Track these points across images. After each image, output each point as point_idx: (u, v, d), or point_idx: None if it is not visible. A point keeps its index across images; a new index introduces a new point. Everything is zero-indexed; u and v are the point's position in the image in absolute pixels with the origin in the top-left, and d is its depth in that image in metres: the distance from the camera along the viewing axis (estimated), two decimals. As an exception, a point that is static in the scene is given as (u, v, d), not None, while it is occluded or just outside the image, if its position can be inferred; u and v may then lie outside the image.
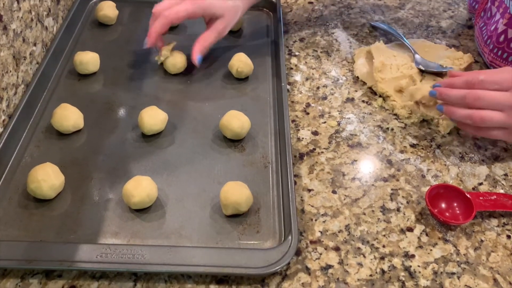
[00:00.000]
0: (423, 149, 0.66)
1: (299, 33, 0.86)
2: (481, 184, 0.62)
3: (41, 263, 0.48)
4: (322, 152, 0.65)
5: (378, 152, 0.65)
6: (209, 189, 0.58)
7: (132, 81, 0.73)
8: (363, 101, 0.73)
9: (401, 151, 0.65)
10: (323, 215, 0.57)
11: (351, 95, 0.74)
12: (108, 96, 0.70)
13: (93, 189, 0.57)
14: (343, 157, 0.64)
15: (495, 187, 0.62)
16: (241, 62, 0.72)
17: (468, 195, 0.57)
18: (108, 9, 0.81)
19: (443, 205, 0.58)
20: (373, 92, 0.74)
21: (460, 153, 0.65)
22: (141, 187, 0.54)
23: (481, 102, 0.58)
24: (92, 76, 0.73)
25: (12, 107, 0.64)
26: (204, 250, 0.51)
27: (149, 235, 0.53)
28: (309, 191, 0.60)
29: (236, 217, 0.55)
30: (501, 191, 0.61)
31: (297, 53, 0.81)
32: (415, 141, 0.67)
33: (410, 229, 0.56)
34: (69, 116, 0.62)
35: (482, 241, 0.55)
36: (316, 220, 0.56)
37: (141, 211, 0.55)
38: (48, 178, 0.54)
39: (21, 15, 0.66)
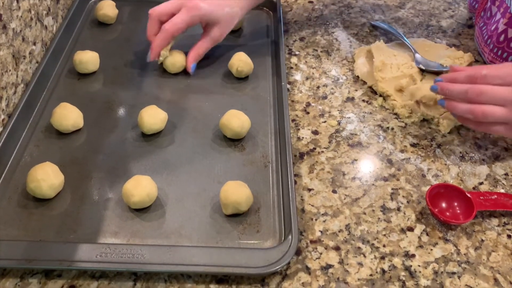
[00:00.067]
0: (423, 148, 0.66)
1: (299, 33, 0.86)
2: (481, 183, 0.62)
3: (41, 263, 0.48)
4: (322, 151, 0.64)
5: (378, 151, 0.65)
6: (209, 188, 0.58)
7: (132, 80, 0.73)
8: (363, 101, 0.73)
9: (402, 151, 0.65)
10: (323, 214, 0.57)
11: (351, 94, 0.74)
12: (107, 95, 0.70)
13: (92, 189, 0.57)
14: (343, 157, 0.64)
15: (495, 186, 0.61)
16: (241, 61, 0.72)
17: (468, 195, 0.57)
18: (107, 8, 0.81)
19: (444, 205, 0.58)
20: (373, 91, 0.74)
21: (460, 153, 0.65)
22: (141, 187, 0.53)
23: (483, 97, 0.58)
24: (91, 75, 0.73)
25: (11, 106, 0.64)
26: (204, 249, 0.51)
27: (149, 235, 0.53)
28: (309, 190, 0.59)
29: (236, 216, 0.55)
30: (502, 191, 0.61)
31: (297, 53, 0.81)
32: (415, 141, 0.67)
33: (410, 229, 0.56)
34: (69, 115, 0.62)
35: (482, 240, 0.55)
36: (316, 219, 0.56)
37: (141, 211, 0.55)
38: (47, 177, 0.54)
39: (21, 14, 0.66)
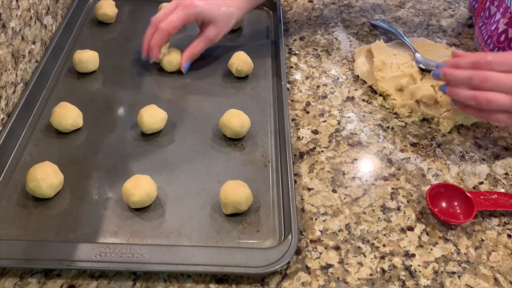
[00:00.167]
0: (423, 148, 0.66)
1: (299, 32, 0.86)
2: (481, 183, 0.62)
3: (40, 262, 0.48)
4: (322, 151, 0.64)
5: (378, 151, 0.65)
6: (208, 188, 0.58)
7: (131, 79, 0.72)
8: (363, 100, 0.73)
9: (402, 150, 0.65)
10: (323, 214, 0.57)
11: (351, 94, 0.74)
12: (107, 94, 0.70)
13: (92, 188, 0.57)
14: (343, 156, 0.64)
15: (495, 186, 0.61)
16: (241, 60, 0.72)
17: (468, 194, 0.57)
18: (107, 8, 0.81)
19: (444, 204, 0.58)
20: (373, 91, 0.74)
21: (460, 152, 0.65)
22: (140, 186, 0.53)
23: (488, 83, 0.56)
24: (91, 74, 0.72)
25: (11, 105, 0.64)
26: (203, 249, 0.51)
27: (148, 234, 0.53)
28: (309, 190, 0.59)
29: (236, 216, 0.55)
30: (502, 190, 0.61)
31: (297, 52, 0.81)
32: (415, 140, 0.67)
33: (410, 228, 0.56)
34: (68, 114, 0.62)
35: (482, 240, 0.55)
36: (316, 219, 0.56)
37: (141, 210, 0.55)
38: (47, 177, 0.54)
39: (20, 13, 0.65)
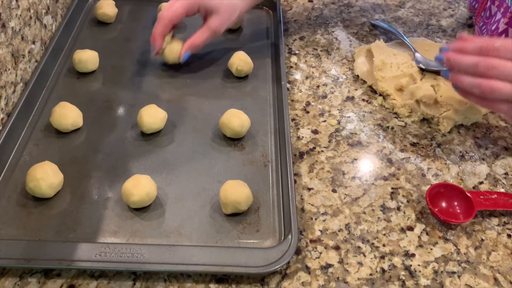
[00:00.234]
0: (423, 148, 0.66)
1: (299, 32, 0.86)
2: (481, 183, 0.62)
3: (40, 262, 0.48)
4: (322, 151, 0.64)
5: (378, 151, 0.65)
6: (208, 188, 0.58)
7: (131, 79, 0.72)
8: (363, 100, 0.73)
9: (401, 150, 0.65)
10: (323, 214, 0.57)
11: (351, 93, 0.74)
12: (107, 94, 0.70)
13: (92, 188, 0.57)
14: (343, 156, 0.64)
15: (495, 186, 0.61)
16: (241, 60, 0.72)
17: (468, 194, 0.57)
18: (107, 7, 0.81)
19: (444, 204, 0.58)
20: (373, 90, 0.74)
21: (460, 152, 0.65)
22: (140, 186, 0.53)
23: (494, 71, 0.54)
24: (91, 74, 0.72)
25: (10, 105, 0.64)
26: (203, 249, 0.51)
27: (148, 234, 0.53)
28: (309, 190, 0.59)
29: (235, 216, 0.55)
30: (502, 190, 0.61)
31: (297, 52, 0.81)
32: (415, 140, 0.67)
33: (410, 228, 0.56)
34: (68, 114, 0.62)
35: (482, 240, 0.55)
36: (316, 219, 0.56)
37: (141, 210, 0.55)
38: (47, 176, 0.54)
39: (20, 13, 0.65)
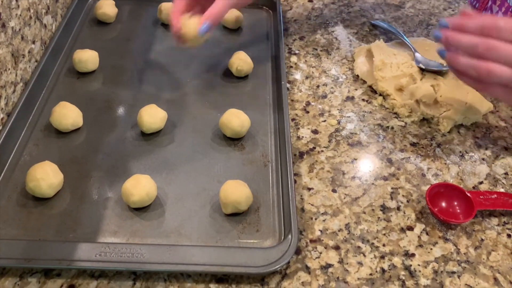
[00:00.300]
0: (423, 147, 0.66)
1: (299, 32, 0.86)
2: (481, 183, 0.62)
3: (40, 262, 0.48)
4: (322, 150, 0.64)
5: (378, 150, 0.65)
6: (208, 187, 0.58)
7: (131, 79, 0.72)
8: (363, 100, 0.73)
9: (401, 150, 0.65)
10: (323, 214, 0.57)
11: (351, 93, 0.74)
12: (107, 94, 0.69)
13: (92, 188, 0.57)
14: (343, 156, 0.64)
15: (495, 186, 0.61)
16: (241, 60, 0.72)
17: (468, 194, 0.57)
18: (107, 7, 0.81)
19: (444, 204, 0.58)
20: (373, 90, 0.74)
21: (460, 152, 0.65)
22: (140, 186, 0.53)
23: (494, 53, 0.51)
24: (91, 74, 0.72)
25: (10, 105, 0.64)
26: (203, 249, 0.51)
27: (148, 234, 0.53)
28: (309, 189, 0.59)
29: (235, 216, 0.55)
30: (502, 190, 0.61)
31: (297, 52, 0.81)
32: (415, 140, 0.67)
33: (410, 228, 0.56)
34: (68, 114, 0.62)
35: (482, 240, 0.55)
36: (316, 219, 0.56)
37: (140, 210, 0.55)
38: (47, 176, 0.54)
39: (20, 13, 0.65)
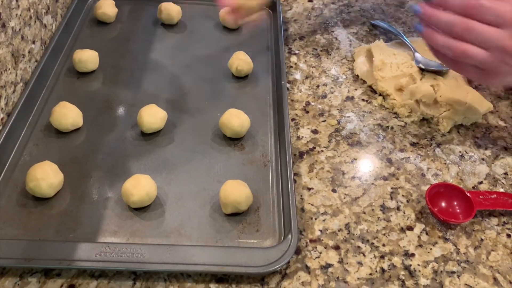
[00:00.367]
0: (423, 147, 0.66)
1: (299, 32, 0.86)
2: (481, 183, 0.62)
3: (40, 262, 0.48)
4: (322, 150, 0.64)
5: (378, 150, 0.65)
6: (208, 187, 0.58)
7: (131, 79, 0.72)
8: (363, 100, 0.73)
9: (401, 150, 0.65)
10: (323, 213, 0.57)
11: (351, 93, 0.74)
12: (107, 94, 0.69)
13: (92, 188, 0.57)
14: (343, 156, 0.64)
15: (495, 186, 0.61)
16: (240, 60, 0.72)
17: (468, 194, 0.57)
18: (107, 7, 0.81)
19: (443, 204, 0.58)
20: (373, 90, 0.74)
21: (460, 152, 0.65)
22: (140, 186, 0.53)
23: (470, 34, 0.51)
24: (91, 74, 0.72)
25: (10, 105, 0.64)
26: (203, 248, 0.51)
27: (148, 234, 0.53)
28: (309, 189, 0.59)
29: (235, 215, 0.55)
30: (501, 190, 0.61)
31: (297, 52, 0.81)
32: (415, 140, 0.67)
33: (410, 228, 0.56)
34: (68, 114, 0.62)
35: (482, 240, 0.55)
36: (316, 219, 0.56)
37: (140, 210, 0.55)
38: (47, 176, 0.54)
39: (20, 13, 0.65)
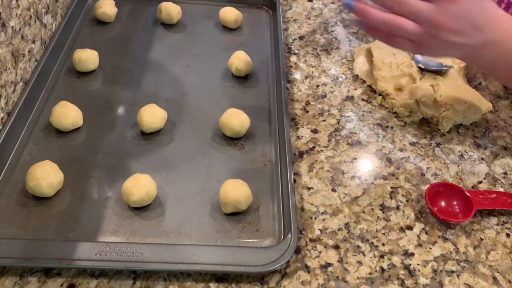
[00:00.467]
0: (422, 147, 0.66)
1: (299, 31, 0.86)
2: (480, 182, 0.62)
3: (40, 261, 0.48)
4: (321, 150, 0.64)
5: (377, 150, 0.65)
6: (208, 187, 0.58)
7: (131, 78, 0.72)
8: (362, 100, 0.73)
9: (401, 149, 0.65)
10: (322, 213, 0.57)
11: (351, 93, 0.74)
12: (107, 94, 0.70)
13: (92, 187, 0.57)
14: (342, 155, 0.64)
15: (494, 185, 0.62)
16: (240, 60, 0.72)
17: (467, 194, 0.57)
18: (107, 7, 0.81)
19: (443, 204, 0.58)
20: (372, 90, 0.74)
21: (459, 152, 0.65)
22: (140, 185, 0.53)
23: (402, 8, 0.52)
24: (91, 73, 0.72)
25: (10, 104, 0.64)
26: (203, 248, 0.51)
27: (148, 233, 0.53)
28: (309, 189, 0.59)
29: (235, 215, 0.55)
30: (501, 190, 0.61)
31: (297, 51, 0.81)
32: (414, 140, 0.67)
33: (409, 228, 0.56)
34: (68, 114, 0.62)
35: (481, 239, 0.55)
36: (315, 218, 0.56)
37: (140, 209, 0.55)
38: (47, 176, 0.54)
39: (20, 12, 0.65)
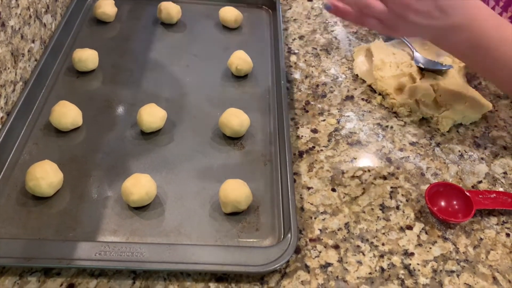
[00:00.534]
0: (422, 147, 0.66)
1: (299, 31, 0.86)
2: (480, 182, 0.62)
3: (40, 261, 0.48)
4: (321, 150, 0.64)
5: (377, 150, 0.65)
6: (208, 187, 0.58)
7: (131, 78, 0.72)
8: (362, 99, 0.73)
9: (401, 149, 0.65)
10: (322, 213, 0.57)
11: (351, 93, 0.74)
12: (106, 93, 0.69)
13: (91, 187, 0.57)
14: (342, 155, 0.64)
15: (494, 185, 0.62)
16: (240, 59, 0.72)
17: (467, 193, 0.57)
18: (106, 7, 0.81)
19: (443, 203, 0.58)
20: (372, 90, 0.74)
21: (459, 151, 0.65)
22: (140, 185, 0.53)
23: None
24: (90, 73, 0.72)
25: (10, 104, 0.64)
26: (203, 248, 0.51)
27: (148, 233, 0.53)
28: (309, 189, 0.59)
29: (235, 215, 0.55)
30: (501, 189, 0.61)
31: (297, 51, 0.81)
32: (414, 139, 0.67)
33: (409, 227, 0.56)
34: (68, 113, 0.62)
35: (481, 239, 0.55)
36: (315, 218, 0.56)
37: (140, 209, 0.55)
38: (46, 175, 0.54)
39: (19, 12, 0.65)
